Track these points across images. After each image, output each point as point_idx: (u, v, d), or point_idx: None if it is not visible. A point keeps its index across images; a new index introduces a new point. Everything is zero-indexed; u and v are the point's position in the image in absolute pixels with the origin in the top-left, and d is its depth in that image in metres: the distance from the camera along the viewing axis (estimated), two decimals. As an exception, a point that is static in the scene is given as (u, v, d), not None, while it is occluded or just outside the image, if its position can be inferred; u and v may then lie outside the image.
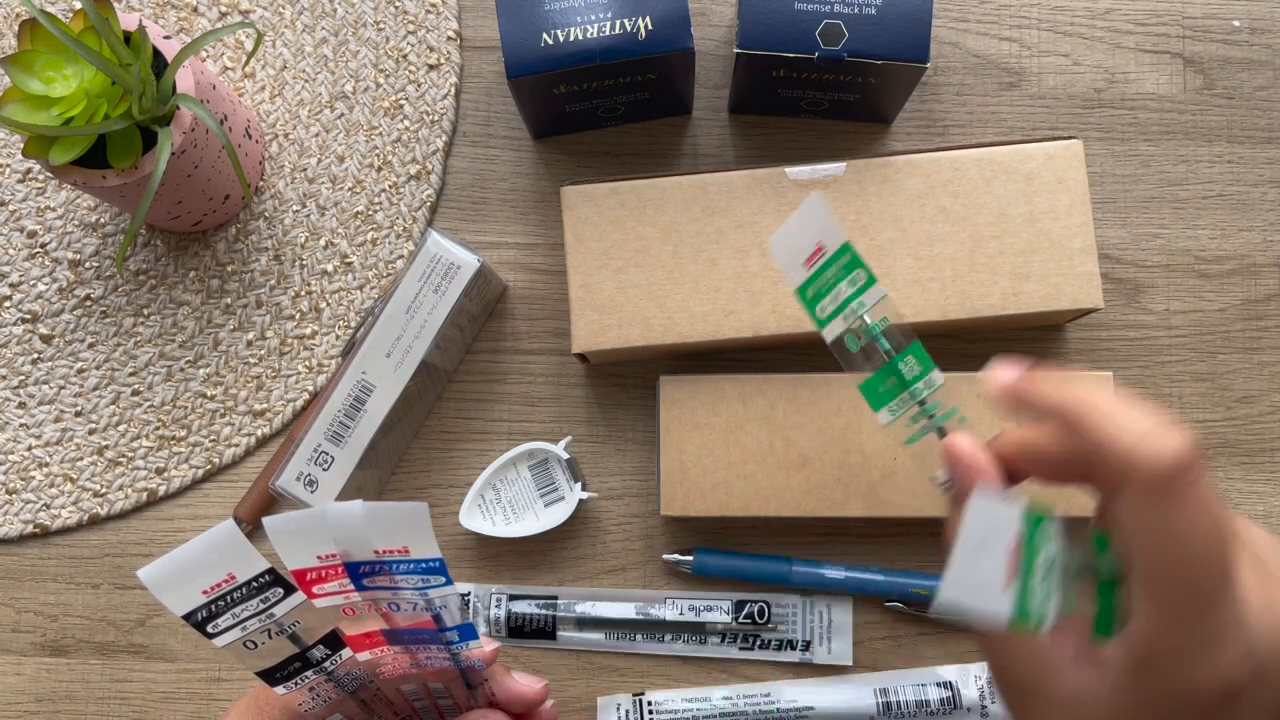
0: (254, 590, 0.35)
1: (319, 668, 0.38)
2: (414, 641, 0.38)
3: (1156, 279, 0.58)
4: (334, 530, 0.35)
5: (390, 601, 0.37)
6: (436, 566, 0.36)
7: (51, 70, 0.48)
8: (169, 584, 0.35)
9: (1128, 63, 0.60)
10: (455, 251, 0.52)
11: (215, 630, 0.36)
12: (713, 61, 0.60)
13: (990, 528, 0.34)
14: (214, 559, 0.35)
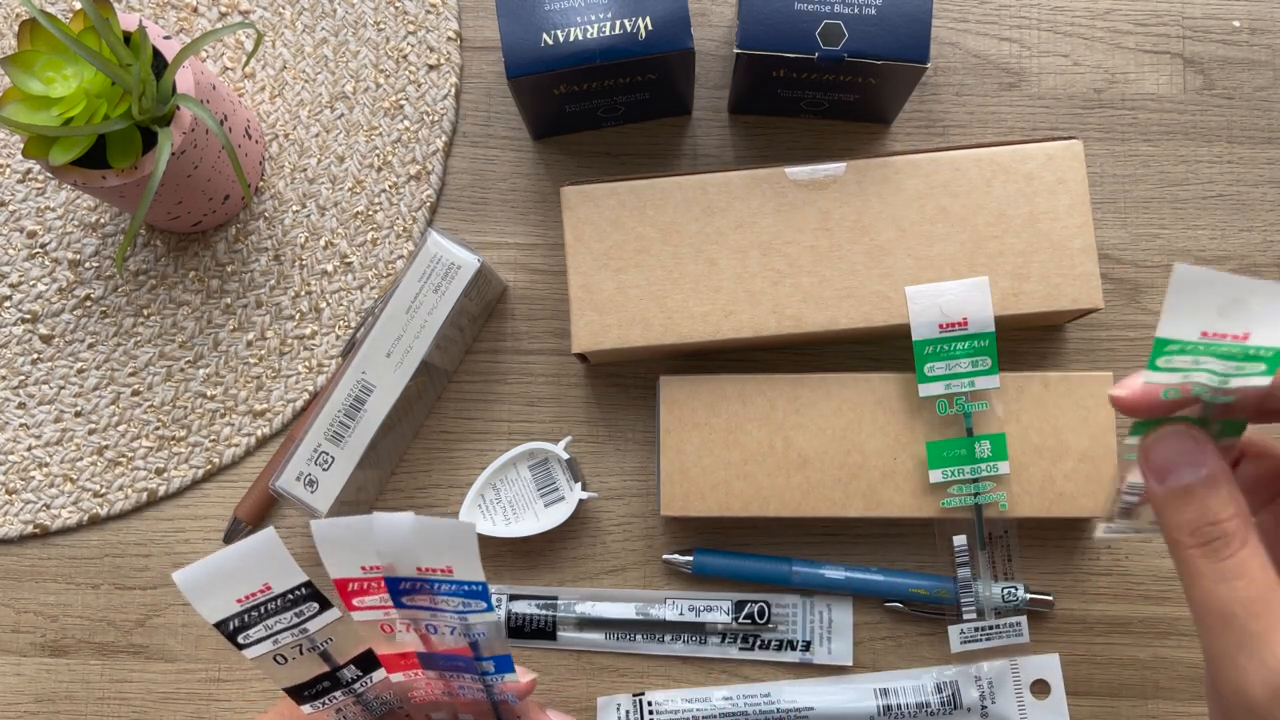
0: (289, 603, 0.35)
1: (348, 688, 0.37)
2: (449, 668, 0.37)
3: (1156, 279, 0.58)
4: (379, 542, 0.34)
5: (429, 623, 0.36)
6: (479, 591, 0.34)
7: (51, 70, 0.48)
8: (204, 590, 0.34)
9: (1128, 63, 0.60)
10: (455, 251, 0.52)
11: (246, 641, 0.35)
12: (713, 62, 0.60)
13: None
14: (252, 567, 0.34)
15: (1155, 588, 0.57)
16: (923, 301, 0.53)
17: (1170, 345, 0.31)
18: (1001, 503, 0.52)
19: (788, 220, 0.53)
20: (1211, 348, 0.30)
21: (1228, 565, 0.30)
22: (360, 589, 0.35)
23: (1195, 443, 0.31)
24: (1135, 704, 0.56)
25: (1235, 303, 0.29)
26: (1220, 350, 0.30)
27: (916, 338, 0.52)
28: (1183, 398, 0.32)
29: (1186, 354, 0.31)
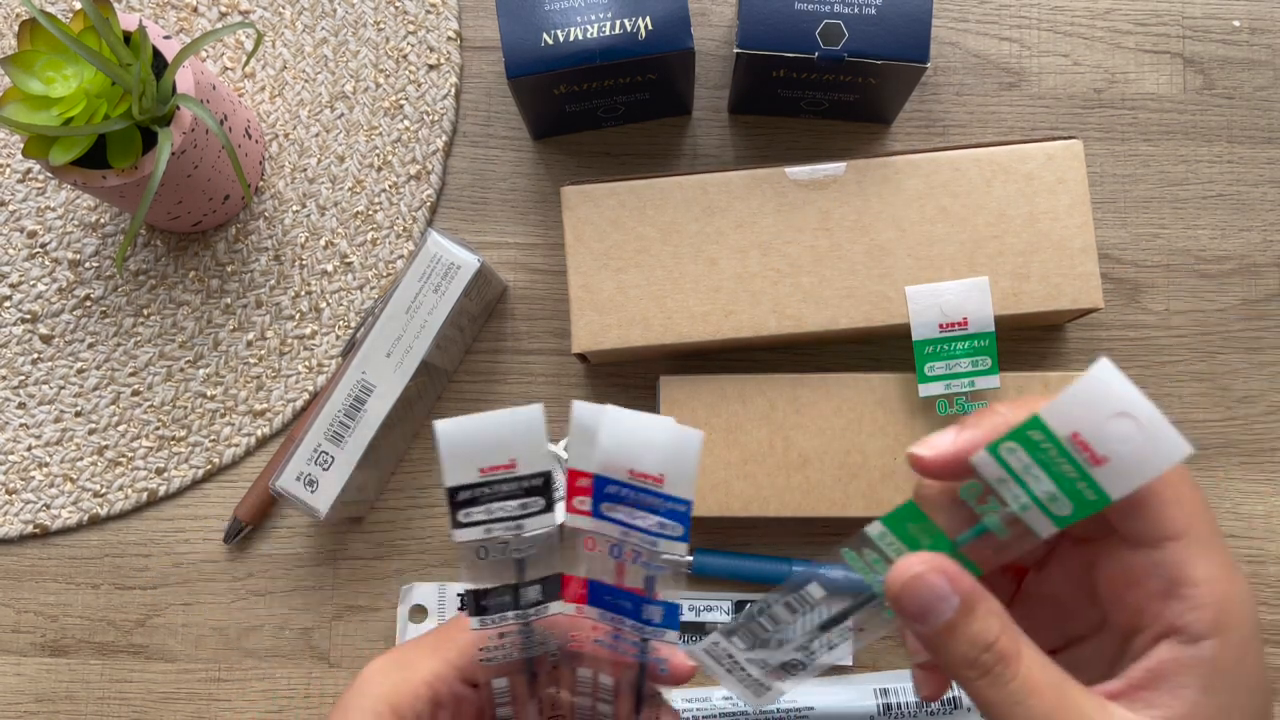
0: (522, 490, 0.33)
1: (523, 611, 0.35)
2: (614, 608, 0.35)
3: (1156, 279, 0.58)
4: (607, 433, 0.33)
5: (616, 543, 0.34)
6: (681, 512, 0.33)
7: (51, 70, 0.48)
8: (458, 447, 0.33)
9: (1128, 63, 0.60)
10: (455, 251, 0.52)
11: (465, 519, 0.33)
12: (713, 61, 0.60)
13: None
14: (507, 437, 0.33)
15: (1155, 587, 0.57)
16: (923, 301, 0.53)
17: (1035, 430, 0.30)
18: None
19: (788, 220, 0.53)
20: (1061, 458, 0.29)
21: (1015, 688, 0.29)
22: (587, 487, 0.34)
23: (941, 575, 0.31)
24: (1135, 704, 0.56)
25: (1124, 420, 0.29)
26: (1061, 467, 0.30)
27: (916, 338, 0.52)
28: (972, 506, 0.31)
29: (1035, 456, 0.30)
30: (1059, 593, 0.34)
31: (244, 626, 0.57)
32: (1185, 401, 0.58)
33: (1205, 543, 0.30)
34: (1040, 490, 0.30)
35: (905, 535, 0.32)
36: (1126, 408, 0.29)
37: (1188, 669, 0.29)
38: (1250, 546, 0.57)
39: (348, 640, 0.57)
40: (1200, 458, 0.57)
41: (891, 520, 0.32)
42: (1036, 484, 0.30)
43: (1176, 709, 0.29)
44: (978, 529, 0.31)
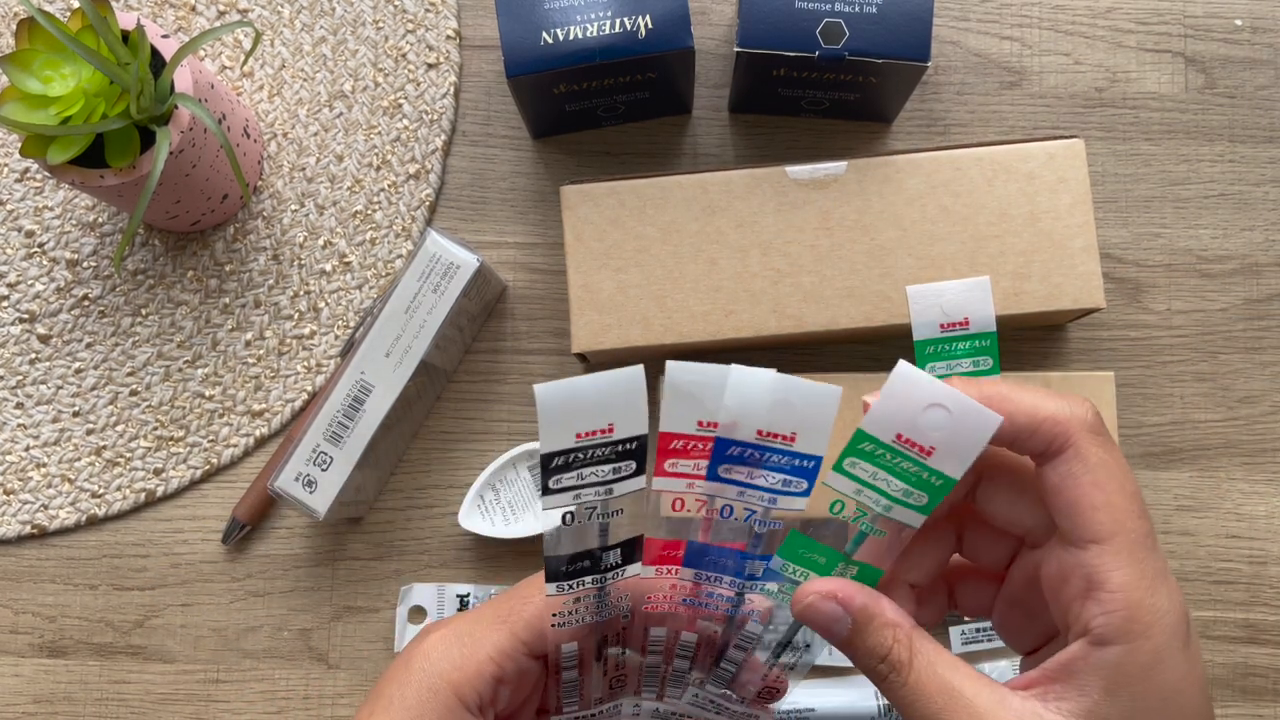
0: (617, 454, 0.33)
1: (601, 576, 0.35)
2: (713, 566, 0.35)
3: (1158, 279, 0.58)
4: (734, 393, 0.32)
5: (729, 503, 0.34)
6: (810, 468, 0.33)
7: (49, 69, 0.48)
8: (558, 411, 0.32)
9: (1129, 62, 0.60)
10: (454, 251, 0.52)
11: (556, 485, 0.32)
12: (713, 60, 0.60)
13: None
14: (608, 401, 0.32)
15: (1157, 588, 0.56)
16: (923, 301, 0.52)
17: (865, 442, 0.32)
18: None
19: (788, 220, 0.53)
20: (896, 458, 0.32)
21: (906, 692, 0.32)
22: (682, 449, 0.33)
23: (831, 600, 0.33)
24: (1137, 705, 0.56)
25: (935, 410, 0.32)
26: (901, 465, 0.32)
27: (917, 338, 0.52)
28: (847, 520, 0.34)
29: (872, 462, 0.33)
30: (1022, 596, 0.35)
31: (242, 627, 0.57)
32: (1187, 401, 0.58)
33: (1129, 550, 0.31)
34: (894, 489, 0.33)
35: (802, 560, 0.34)
36: (933, 399, 0.32)
37: (1093, 669, 0.30)
38: (1252, 547, 0.57)
39: (346, 641, 0.57)
40: (1202, 458, 0.57)
41: (785, 551, 0.34)
42: (888, 485, 0.33)
43: (1080, 705, 0.30)
44: (857, 538, 0.34)
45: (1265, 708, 0.56)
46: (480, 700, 0.35)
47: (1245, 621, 0.56)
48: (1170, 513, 0.57)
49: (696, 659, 0.38)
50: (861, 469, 0.33)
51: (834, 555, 0.34)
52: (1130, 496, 0.31)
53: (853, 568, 0.34)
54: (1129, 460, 0.57)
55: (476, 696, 0.34)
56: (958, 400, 0.32)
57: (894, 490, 0.33)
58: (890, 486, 0.33)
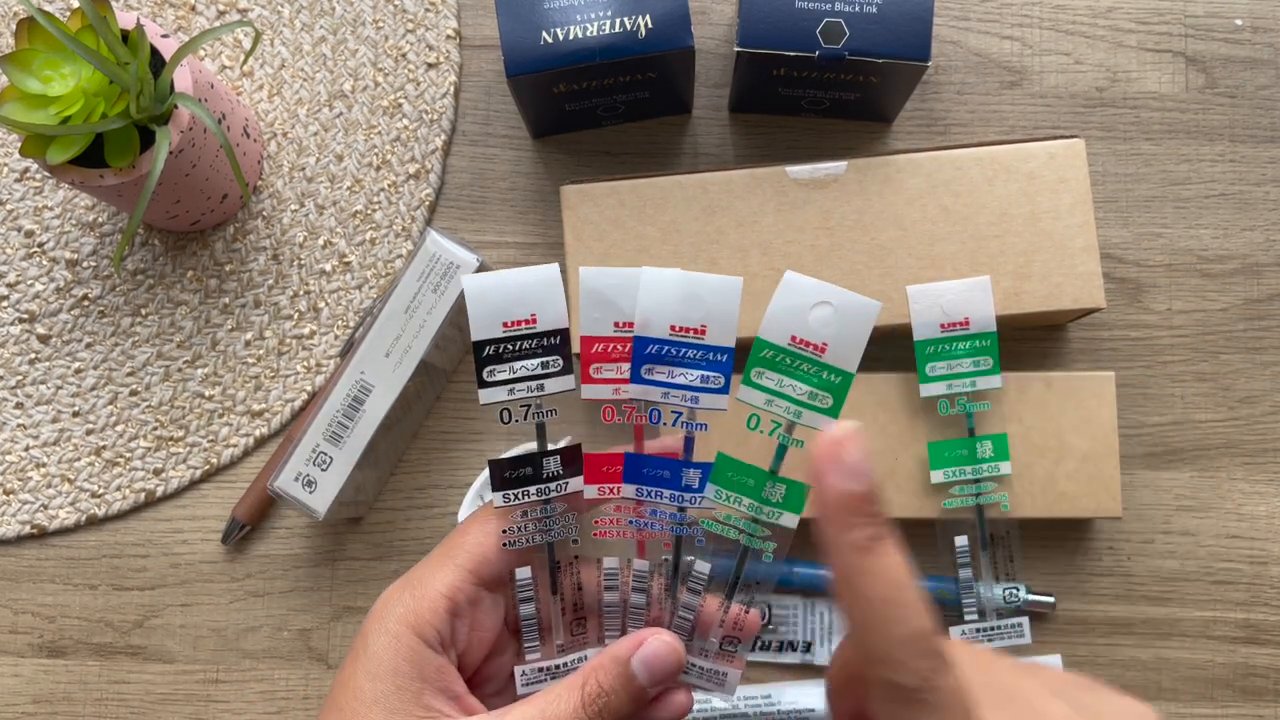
0: (543, 348, 0.35)
1: (544, 487, 0.36)
2: (651, 480, 0.36)
3: (1159, 278, 0.58)
4: (646, 292, 0.34)
5: (656, 406, 0.35)
6: (723, 362, 0.35)
7: (49, 69, 0.48)
8: (484, 300, 0.35)
9: (1130, 61, 0.59)
10: (454, 251, 0.52)
11: (490, 378, 0.35)
12: (713, 60, 0.60)
13: None
14: (528, 294, 0.35)
15: (1157, 589, 0.56)
16: (924, 301, 0.52)
17: (765, 349, 0.35)
18: (1003, 503, 0.52)
19: (788, 219, 0.53)
20: (795, 361, 0.34)
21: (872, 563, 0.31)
22: (603, 353, 0.35)
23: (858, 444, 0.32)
24: (1137, 705, 0.56)
25: (821, 308, 0.34)
26: (801, 367, 0.34)
27: (918, 337, 0.52)
28: (765, 434, 0.35)
29: (774, 369, 0.35)
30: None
31: (242, 627, 0.57)
32: (1187, 401, 0.57)
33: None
34: (800, 394, 0.35)
35: (731, 484, 0.36)
36: (817, 297, 0.34)
37: None
38: (1252, 548, 0.57)
39: (346, 641, 0.57)
40: (1202, 458, 0.57)
41: (715, 477, 0.36)
42: (794, 390, 0.35)
43: None
44: (778, 452, 0.35)
45: (1265, 708, 0.56)
46: (440, 637, 0.36)
47: (1246, 621, 0.56)
48: (1171, 513, 0.57)
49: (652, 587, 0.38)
50: (767, 378, 0.35)
51: (761, 474, 0.36)
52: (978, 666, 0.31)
53: (780, 485, 0.36)
54: (1130, 461, 0.57)
55: (435, 634, 0.36)
56: (839, 295, 0.34)
57: (800, 394, 0.35)
58: (796, 391, 0.35)
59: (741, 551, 0.36)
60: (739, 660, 0.38)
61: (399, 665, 0.35)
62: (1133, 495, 0.57)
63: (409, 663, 0.35)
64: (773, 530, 0.36)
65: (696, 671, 0.38)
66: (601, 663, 0.36)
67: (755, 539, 0.36)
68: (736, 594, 0.37)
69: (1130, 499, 0.57)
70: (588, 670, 0.36)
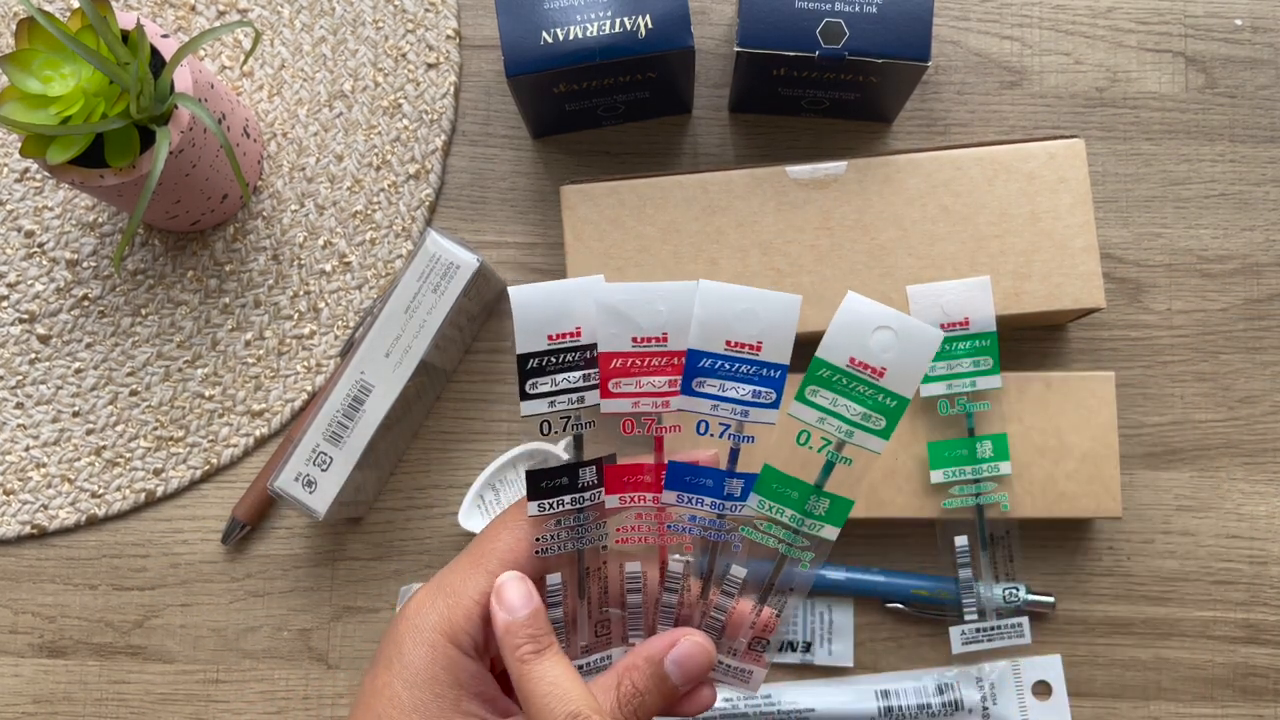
0: (584, 361, 0.35)
1: (579, 496, 0.36)
2: (690, 487, 0.36)
3: (1159, 278, 0.58)
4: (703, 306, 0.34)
5: (705, 418, 0.36)
6: (776, 379, 0.35)
7: (49, 69, 0.48)
8: (533, 313, 0.35)
9: (1129, 61, 0.59)
10: (454, 251, 0.52)
11: (533, 390, 0.35)
12: (713, 60, 0.60)
13: None
14: (574, 306, 0.35)
15: (1157, 588, 0.56)
16: (924, 301, 0.52)
17: (822, 369, 0.35)
18: (1003, 503, 0.52)
19: (788, 219, 0.53)
20: (851, 383, 0.35)
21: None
22: (622, 368, 0.35)
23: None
24: (1137, 705, 0.56)
25: (882, 332, 0.34)
26: (857, 389, 0.35)
27: None
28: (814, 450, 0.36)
29: (830, 388, 0.35)
30: None
31: (242, 627, 0.57)
32: (1187, 401, 0.58)
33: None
34: (853, 414, 0.35)
35: (775, 495, 0.36)
36: (880, 321, 0.35)
37: None
38: (1252, 548, 0.57)
39: (346, 641, 0.57)
40: (1202, 458, 0.57)
41: (760, 488, 0.36)
42: (847, 410, 0.35)
43: None
44: (826, 467, 0.36)
45: (1265, 708, 0.56)
46: (475, 644, 0.36)
47: (1246, 621, 0.56)
48: (1171, 513, 0.57)
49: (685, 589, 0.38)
50: (822, 396, 0.35)
51: (806, 488, 0.36)
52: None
53: (824, 500, 0.36)
54: (1130, 461, 0.57)
55: (470, 640, 0.36)
56: (902, 321, 0.34)
57: (853, 415, 0.35)
58: (850, 411, 0.35)
59: (779, 559, 0.37)
60: (764, 659, 0.38)
61: (436, 673, 0.35)
62: (1133, 495, 0.57)
63: (446, 670, 0.35)
64: (812, 541, 0.36)
65: (724, 669, 0.38)
66: (635, 663, 0.36)
67: (794, 549, 0.36)
68: (770, 598, 0.37)
69: (1130, 499, 0.57)
70: (621, 670, 0.36)
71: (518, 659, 0.35)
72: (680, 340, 0.36)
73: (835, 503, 0.36)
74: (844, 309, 0.35)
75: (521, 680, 0.35)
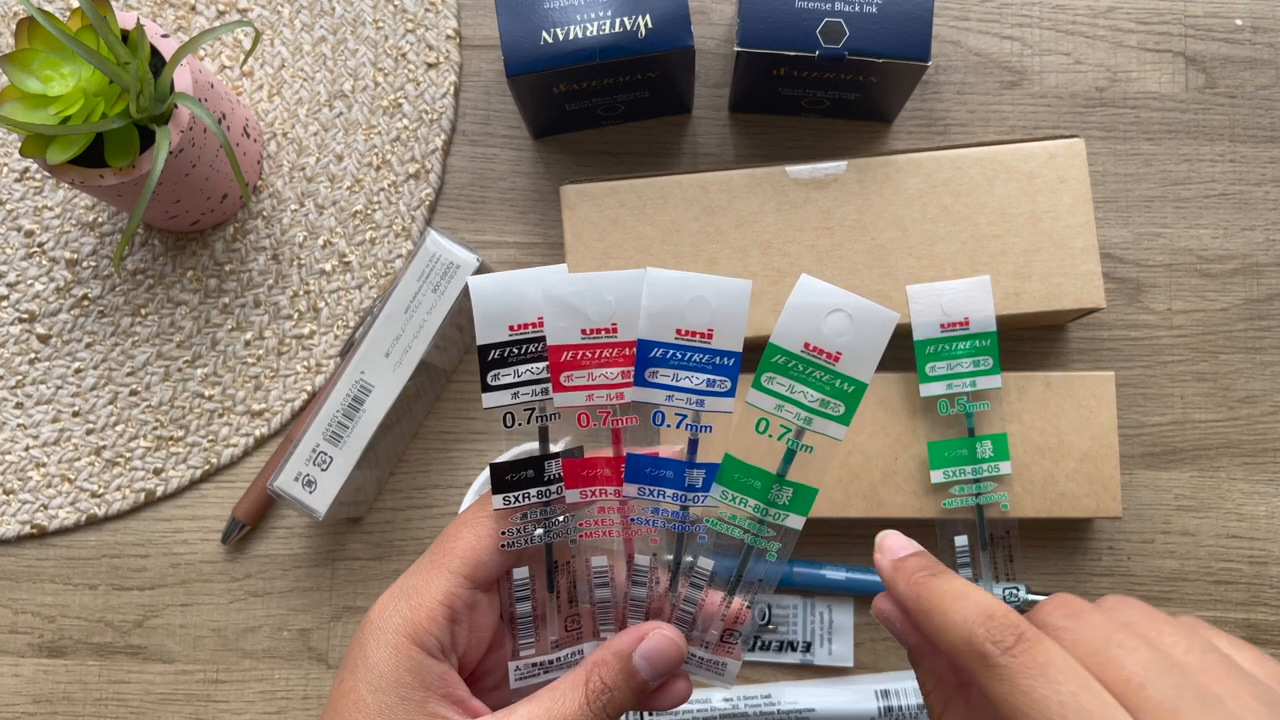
0: (545, 351, 0.35)
1: (545, 489, 0.36)
2: (651, 479, 0.36)
3: (1159, 278, 0.58)
4: (651, 295, 0.34)
5: (658, 410, 0.35)
6: (729, 366, 0.35)
7: (49, 69, 0.48)
8: (490, 303, 0.34)
9: (1129, 61, 0.59)
10: (454, 251, 0.52)
11: (494, 381, 0.35)
12: (713, 60, 0.60)
13: None
14: (534, 299, 0.35)
15: (1157, 588, 0.56)
16: (924, 301, 0.52)
17: (777, 355, 0.34)
18: (1003, 503, 0.52)
19: (788, 219, 0.53)
20: (807, 368, 0.34)
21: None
22: (573, 360, 0.35)
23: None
24: (1137, 705, 0.56)
25: (836, 315, 0.34)
26: (813, 375, 0.34)
27: (918, 337, 0.52)
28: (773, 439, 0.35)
29: (786, 374, 0.34)
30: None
31: (242, 627, 0.57)
32: (1187, 401, 0.57)
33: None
34: (811, 400, 0.35)
35: (737, 485, 0.36)
36: (833, 304, 0.34)
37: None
38: (1253, 547, 0.57)
39: (346, 641, 0.57)
40: (1202, 458, 0.57)
41: (722, 478, 0.36)
42: (805, 397, 0.35)
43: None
44: (787, 455, 0.35)
45: (1266, 708, 0.56)
46: (440, 644, 0.36)
47: (1246, 621, 0.56)
48: (1171, 513, 0.57)
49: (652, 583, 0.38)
50: (779, 383, 0.35)
51: (768, 477, 0.36)
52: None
53: (788, 489, 0.36)
54: (1130, 461, 0.57)
55: (435, 641, 0.36)
56: (856, 303, 0.34)
57: (811, 401, 0.35)
58: (807, 398, 0.35)
59: (745, 550, 0.36)
60: (738, 651, 0.38)
61: (401, 676, 0.35)
62: (1133, 495, 0.57)
63: (411, 673, 0.35)
64: (778, 531, 0.36)
65: (696, 662, 0.38)
66: (604, 658, 0.36)
67: (760, 539, 0.36)
68: (739, 591, 0.37)
69: (1130, 499, 0.57)
70: (589, 666, 0.36)
71: (914, 582, 0.33)
72: (630, 330, 0.35)
73: (799, 491, 0.36)
74: (797, 292, 0.34)
75: (923, 598, 0.33)
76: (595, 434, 0.36)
